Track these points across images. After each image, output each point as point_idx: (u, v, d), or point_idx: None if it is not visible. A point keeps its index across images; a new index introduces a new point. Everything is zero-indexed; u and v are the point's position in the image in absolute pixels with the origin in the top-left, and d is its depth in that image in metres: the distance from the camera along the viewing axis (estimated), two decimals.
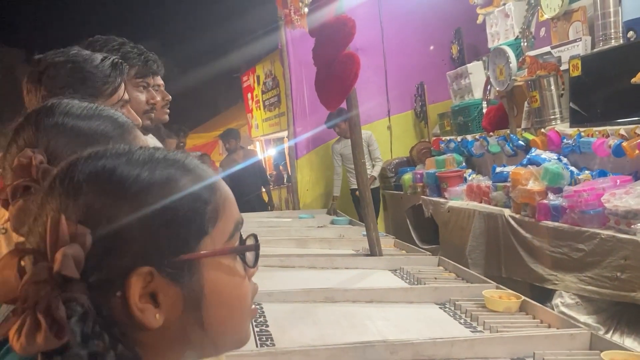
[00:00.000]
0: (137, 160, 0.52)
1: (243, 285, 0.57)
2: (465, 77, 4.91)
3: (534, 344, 1.79)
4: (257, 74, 7.74)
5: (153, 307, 0.49)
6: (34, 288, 0.44)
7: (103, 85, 1.10)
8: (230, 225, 0.56)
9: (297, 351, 1.71)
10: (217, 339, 0.55)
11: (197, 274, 0.52)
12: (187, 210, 0.52)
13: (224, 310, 0.55)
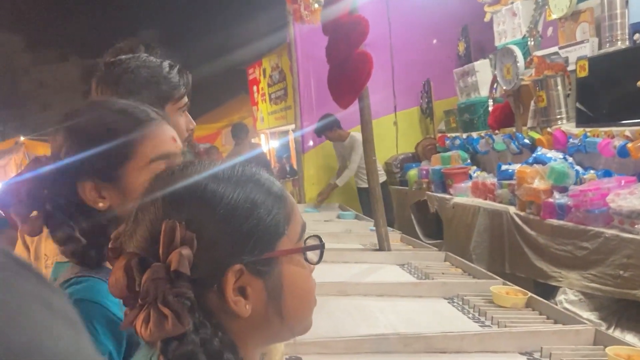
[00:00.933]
0: (221, 178, 0.60)
1: (310, 278, 0.67)
2: (471, 75, 4.97)
3: (541, 339, 1.87)
4: (264, 67, 7.78)
5: (243, 299, 0.57)
6: (153, 285, 0.52)
7: (173, 90, 1.21)
8: (299, 227, 0.65)
9: (315, 343, 1.78)
10: (292, 325, 0.64)
11: (277, 270, 0.61)
12: (267, 218, 0.60)
13: (298, 300, 0.64)
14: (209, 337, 0.54)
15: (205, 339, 0.53)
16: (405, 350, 1.80)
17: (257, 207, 0.60)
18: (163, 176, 0.61)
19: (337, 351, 1.76)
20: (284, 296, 0.62)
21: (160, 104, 1.19)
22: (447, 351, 1.83)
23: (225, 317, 0.57)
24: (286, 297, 0.62)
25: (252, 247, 0.59)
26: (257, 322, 0.60)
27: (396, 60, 6.02)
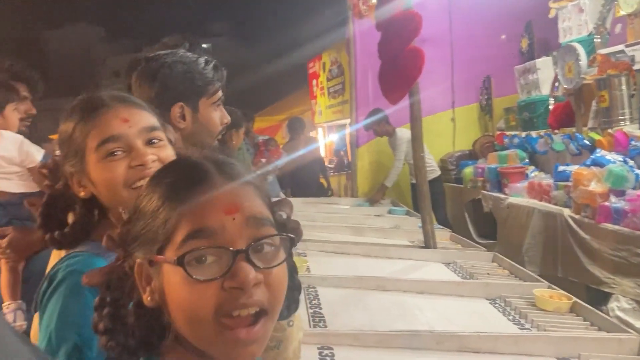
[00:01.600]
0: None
1: (189, 290, 0.58)
2: (533, 72, 4.83)
3: (580, 345, 1.82)
4: (323, 61, 7.84)
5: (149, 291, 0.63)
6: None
7: (207, 85, 1.28)
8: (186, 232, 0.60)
9: (348, 334, 1.81)
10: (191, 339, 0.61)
11: (159, 273, 0.61)
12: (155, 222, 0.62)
13: (177, 314, 0.60)
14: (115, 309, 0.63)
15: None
16: (437, 348, 1.80)
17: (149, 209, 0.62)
18: None
19: (369, 344, 1.79)
20: (167, 303, 0.61)
21: (195, 98, 1.25)
22: (480, 351, 1.82)
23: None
24: (169, 304, 0.61)
25: (142, 245, 0.62)
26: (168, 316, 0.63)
27: (456, 56, 5.93)
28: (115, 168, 0.94)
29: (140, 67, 1.27)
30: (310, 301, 2.21)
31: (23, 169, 2.14)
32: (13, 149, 2.09)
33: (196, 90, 1.26)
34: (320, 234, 3.61)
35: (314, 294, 2.30)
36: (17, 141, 2.12)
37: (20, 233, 2.02)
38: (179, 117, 1.24)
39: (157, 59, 1.26)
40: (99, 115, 0.97)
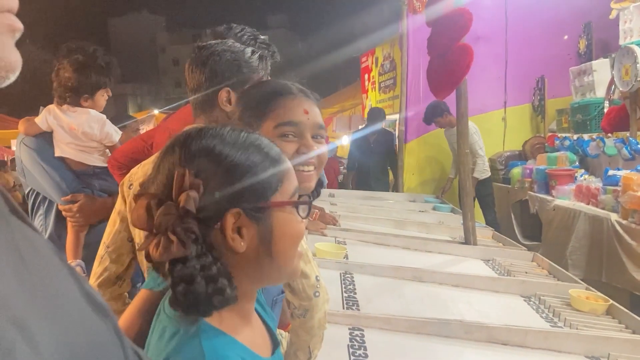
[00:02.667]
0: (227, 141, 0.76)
1: (300, 228, 0.79)
2: (588, 74, 4.73)
3: (611, 346, 1.83)
4: (376, 56, 7.86)
5: (239, 237, 0.72)
6: (165, 218, 0.68)
7: (252, 74, 1.39)
8: (291, 188, 0.79)
9: (379, 318, 1.88)
10: (280, 266, 0.77)
11: (268, 217, 0.75)
12: (262, 175, 0.75)
13: (284, 244, 0.76)
14: (208, 264, 0.69)
15: (205, 265, 0.68)
16: (466, 337, 1.85)
17: (255, 166, 0.74)
18: (182, 135, 0.76)
19: (399, 329, 1.85)
20: (273, 239, 0.75)
21: (240, 85, 1.35)
22: (509, 344, 1.85)
23: (224, 252, 0.72)
24: (275, 240, 0.75)
25: (249, 196, 0.73)
26: (250, 259, 0.74)
27: (510, 54, 5.85)
28: (285, 146, 1.07)
29: (193, 54, 1.39)
30: (346, 286, 2.29)
31: (101, 146, 2.34)
32: (96, 127, 2.29)
33: (242, 77, 1.37)
34: (362, 225, 3.67)
35: (349, 279, 2.37)
36: (101, 121, 2.31)
37: (90, 201, 2.25)
38: (225, 101, 1.35)
39: (208, 48, 1.38)
40: (285, 100, 1.12)
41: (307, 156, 1.10)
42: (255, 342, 0.78)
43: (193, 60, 1.38)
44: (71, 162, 2.30)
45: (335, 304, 2.07)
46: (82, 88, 2.24)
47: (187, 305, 0.68)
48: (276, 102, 1.10)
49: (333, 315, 1.88)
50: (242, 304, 0.76)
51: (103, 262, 1.41)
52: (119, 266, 1.41)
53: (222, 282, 0.69)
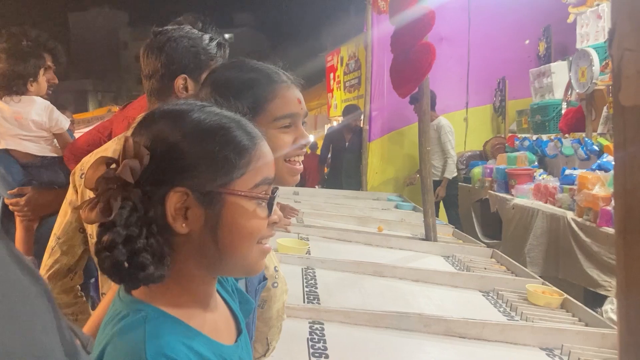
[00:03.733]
0: (206, 111, 0.72)
1: (256, 224, 0.73)
2: (547, 76, 4.85)
3: (564, 337, 1.87)
4: (341, 55, 7.89)
5: (182, 218, 0.69)
6: (103, 182, 0.66)
7: (210, 60, 1.36)
8: (258, 178, 0.73)
9: (339, 311, 1.88)
10: (227, 258, 0.73)
11: (219, 204, 0.70)
12: (224, 155, 0.70)
13: (234, 237, 0.71)
14: (135, 236, 0.66)
15: (131, 236, 0.65)
16: (424, 330, 1.87)
17: (219, 145, 0.70)
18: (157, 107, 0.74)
19: (359, 322, 1.86)
20: (220, 229, 0.70)
21: (197, 72, 1.33)
22: (466, 337, 1.88)
23: (166, 230, 0.69)
24: (222, 230, 0.70)
25: (203, 177, 0.69)
26: (194, 242, 0.70)
27: (473, 56, 5.95)
28: (283, 139, 1.03)
29: (149, 40, 1.36)
30: (307, 281, 2.29)
31: (50, 134, 2.26)
32: (44, 114, 2.21)
33: (199, 64, 1.34)
34: (324, 221, 3.68)
35: (311, 274, 2.37)
36: (48, 107, 2.23)
37: (38, 194, 2.14)
38: (182, 88, 1.33)
39: (164, 33, 1.35)
40: (280, 89, 1.04)
41: (303, 146, 1.06)
42: (216, 328, 0.76)
43: (149, 45, 1.35)
44: (17, 154, 2.20)
45: (296, 299, 2.06)
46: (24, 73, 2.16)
47: (110, 273, 0.66)
48: (272, 92, 1.03)
49: (293, 309, 1.87)
50: (196, 287, 0.73)
51: (54, 253, 1.37)
52: (71, 258, 1.37)
53: (145, 257, 0.66)
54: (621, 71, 0.34)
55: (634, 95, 0.33)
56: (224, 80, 1.02)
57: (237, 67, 1.05)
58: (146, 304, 0.69)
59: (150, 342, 0.64)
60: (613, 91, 0.35)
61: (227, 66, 1.06)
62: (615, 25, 0.34)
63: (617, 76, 0.34)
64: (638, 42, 0.33)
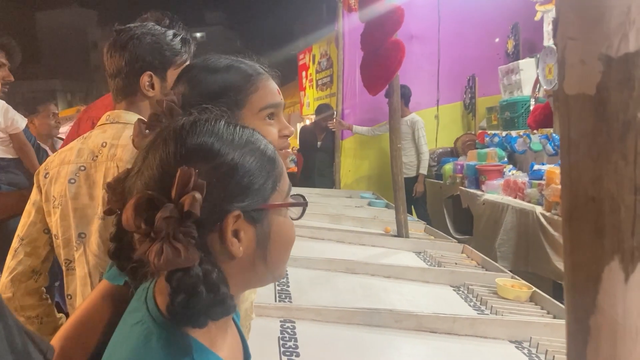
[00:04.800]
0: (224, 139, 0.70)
1: (293, 230, 0.75)
2: (516, 73, 4.92)
3: (533, 330, 1.90)
4: (313, 53, 7.89)
5: (237, 242, 0.67)
6: (165, 222, 0.61)
7: (175, 56, 1.34)
8: (286, 186, 0.74)
9: (310, 309, 1.88)
10: (272, 270, 0.73)
11: (267, 219, 0.70)
12: (262, 177, 0.70)
13: (281, 247, 0.73)
14: (209, 271, 0.63)
15: (206, 272, 0.63)
16: (395, 326, 1.88)
17: (254, 167, 0.69)
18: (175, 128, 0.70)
19: (330, 319, 1.86)
20: (270, 243, 0.70)
21: (163, 68, 1.31)
22: (437, 331, 1.90)
23: (220, 257, 0.67)
24: (272, 243, 0.71)
25: (249, 198, 0.68)
26: (245, 263, 0.69)
27: (443, 54, 6.00)
28: (270, 131, 1.02)
29: (111, 39, 1.33)
30: (279, 280, 2.28)
31: (5, 135, 2.19)
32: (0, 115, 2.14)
33: (164, 60, 1.32)
34: (298, 220, 3.67)
35: None
36: (3, 108, 2.16)
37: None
38: (147, 86, 1.31)
39: (127, 31, 1.32)
40: (261, 80, 1.03)
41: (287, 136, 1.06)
42: (233, 351, 0.75)
43: (112, 44, 1.32)
44: None
45: (268, 297, 2.05)
46: None
47: (187, 316, 0.63)
48: (253, 84, 1.02)
49: (264, 308, 1.87)
50: None
51: (17, 255, 1.33)
52: (35, 259, 1.34)
53: (224, 291, 0.64)
54: (565, 60, 0.34)
55: (577, 84, 0.34)
56: (203, 78, 1.00)
57: (214, 63, 1.04)
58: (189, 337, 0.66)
59: None
60: (558, 80, 0.35)
61: (204, 63, 1.04)
62: (559, 14, 0.34)
63: (562, 65, 0.34)
64: (581, 30, 0.33)
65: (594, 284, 0.34)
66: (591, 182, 0.33)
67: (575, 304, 0.35)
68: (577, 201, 0.34)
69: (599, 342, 0.34)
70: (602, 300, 0.34)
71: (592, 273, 0.34)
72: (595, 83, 0.33)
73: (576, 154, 0.34)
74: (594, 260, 0.34)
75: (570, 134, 0.34)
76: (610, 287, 0.33)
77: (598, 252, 0.34)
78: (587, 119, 0.33)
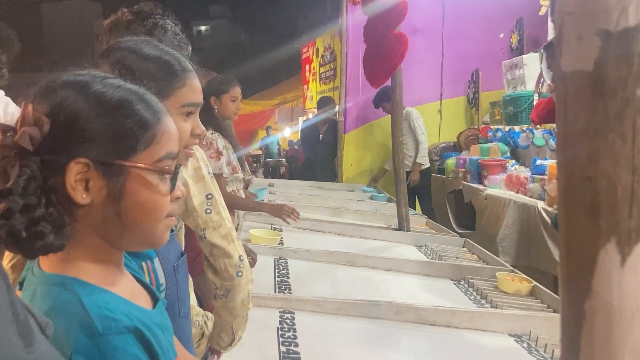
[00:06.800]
0: (109, 83, 0.71)
1: (159, 199, 0.72)
2: (519, 68, 4.89)
3: (532, 324, 1.90)
4: (317, 47, 7.87)
5: (83, 189, 0.67)
6: (1, 149, 0.63)
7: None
8: (161, 152, 0.72)
9: (309, 300, 1.88)
10: (131, 231, 0.71)
11: (122, 177, 0.69)
12: (127, 128, 0.69)
13: (138, 211, 0.70)
14: (33, 205, 0.64)
15: (29, 205, 0.63)
16: (395, 318, 1.88)
17: (121, 117, 0.68)
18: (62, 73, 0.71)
19: (329, 311, 1.86)
20: (124, 202, 0.69)
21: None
22: (436, 324, 1.89)
23: (67, 201, 0.67)
24: (126, 203, 0.69)
25: (105, 149, 0.67)
26: (97, 216, 0.69)
27: (447, 48, 5.97)
28: (186, 127, 1.03)
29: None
30: (279, 271, 2.28)
31: None
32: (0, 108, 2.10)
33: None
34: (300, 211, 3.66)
35: (283, 264, 2.36)
36: (4, 101, 2.12)
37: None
38: None
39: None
40: (189, 77, 1.04)
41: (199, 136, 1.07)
42: (133, 294, 0.75)
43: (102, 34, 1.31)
44: None
45: (268, 288, 2.05)
46: None
47: (8, 242, 0.64)
48: (182, 79, 1.02)
49: (264, 299, 1.86)
50: (106, 256, 0.72)
51: None
52: None
53: (44, 227, 0.64)
54: (562, 36, 0.33)
55: (574, 60, 0.33)
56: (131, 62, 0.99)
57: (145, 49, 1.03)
58: (67, 277, 0.67)
59: (87, 298, 0.64)
60: (555, 57, 0.34)
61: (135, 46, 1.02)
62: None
63: (559, 41, 0.33)
64: (578, 4, 0.32)
65: (589, 266, 0.33)
66: (587, 161, 0.32)
67: (570, 288, 0.35)
68: (572, 181, 0.33)
69: (594, 326, 0.33)
70: (597, 284, 0.33)
71: (587, 255, 0.33)
72: (593, 59, 0.32)
73: (572, 132, 0.33)
74: (589, 243, 0.33)
75: (567, 112, 0.33)
76: (606, 270, 0.33)
77: (593, 234, 0.33)
78: (584, 96, 0.32)
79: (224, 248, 1.23)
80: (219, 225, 1.23)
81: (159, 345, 0.68)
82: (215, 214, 1.23)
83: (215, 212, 1.23)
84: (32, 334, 0.41)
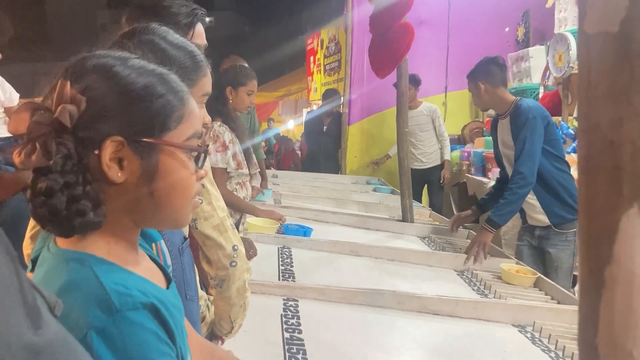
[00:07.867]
0: (140, 64, 0.71)
1: (189, 178, 0.73)
2: (525, 61, 4.87)
3: (535, 314, 1.89)
4: (322, 38, 7.83)
5: (118, 168, 0.67)
6: (36, 126, 0.63)
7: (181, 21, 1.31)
8: (189, 131, 0.73)
9: (313, 288, 1.87)
10: (162, 210, 0.72)
11: (155, 156, 0.70)
12: (159, 106, 0.70)
13: (170, 189, 0.71)
14: (73, 183, 0.64)
15: (69, 182, 0.64)
16: (398, 307, 1.87)
17: (152, 97, 0.69)
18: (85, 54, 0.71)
19: (332, 299, 1.85)
20: (157, 180, 0.70)
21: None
22: (440, 314, 1.89)
23: (102, 179, 0.67)
24: (159, 181, 0.70)
25: (138, 127, 0.68)
26: (129, 192, 0.69)
27: (452, 40, 5.94)
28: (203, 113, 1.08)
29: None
30: (283, 260, 2.27)
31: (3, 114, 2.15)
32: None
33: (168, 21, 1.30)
34: (302, 203, 3.66)
35: (287, 253, 2.36)
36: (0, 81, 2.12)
37: None
38: None
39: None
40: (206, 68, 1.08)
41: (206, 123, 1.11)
42: (151, 274, 0.75)
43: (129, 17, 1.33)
44: None
45: (271, 276, 2.05)
46: None
47: (46, 220, 0.64)
48: (204, 68, 1.06)
49: (268, 287, 1.86)
50: (128, 236, 0.72)
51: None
52: None
53: (85, 204, 0.64)
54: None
55: (599, 21, 0.32)
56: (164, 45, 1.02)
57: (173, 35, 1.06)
58: (84, 253, 0.67)
59: (104, 275, 0.64)
60: (578, 19, 0.33)
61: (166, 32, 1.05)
62: None
63: (583, 3, 0.33)
64: None
65: (611, 233, 0.32)
66: (610, 125, 0.32)
67: (590, 256, 0.34)
68: (595, 146, 0.33)
69: (614, 294, 0.32)
70: (618, 251, 0.32)
71: (608, 222, 0.32)
72: (620, 19, 0.31)
73: (595, 96, 0.32)
74: (611, 209, 0.32)
75: (590, 76, 0.32)
76: (628, 237, 0.32)
77: (615, 200, 0.32)
78: (609, 58, 0.32)
79: (215, 239, 1.23)
80: (210, 216, 1.22)
81: (174, 324, 0.68)
82: (207, 204, 1.22)
83: (206, 202, 1.22)
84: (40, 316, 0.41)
